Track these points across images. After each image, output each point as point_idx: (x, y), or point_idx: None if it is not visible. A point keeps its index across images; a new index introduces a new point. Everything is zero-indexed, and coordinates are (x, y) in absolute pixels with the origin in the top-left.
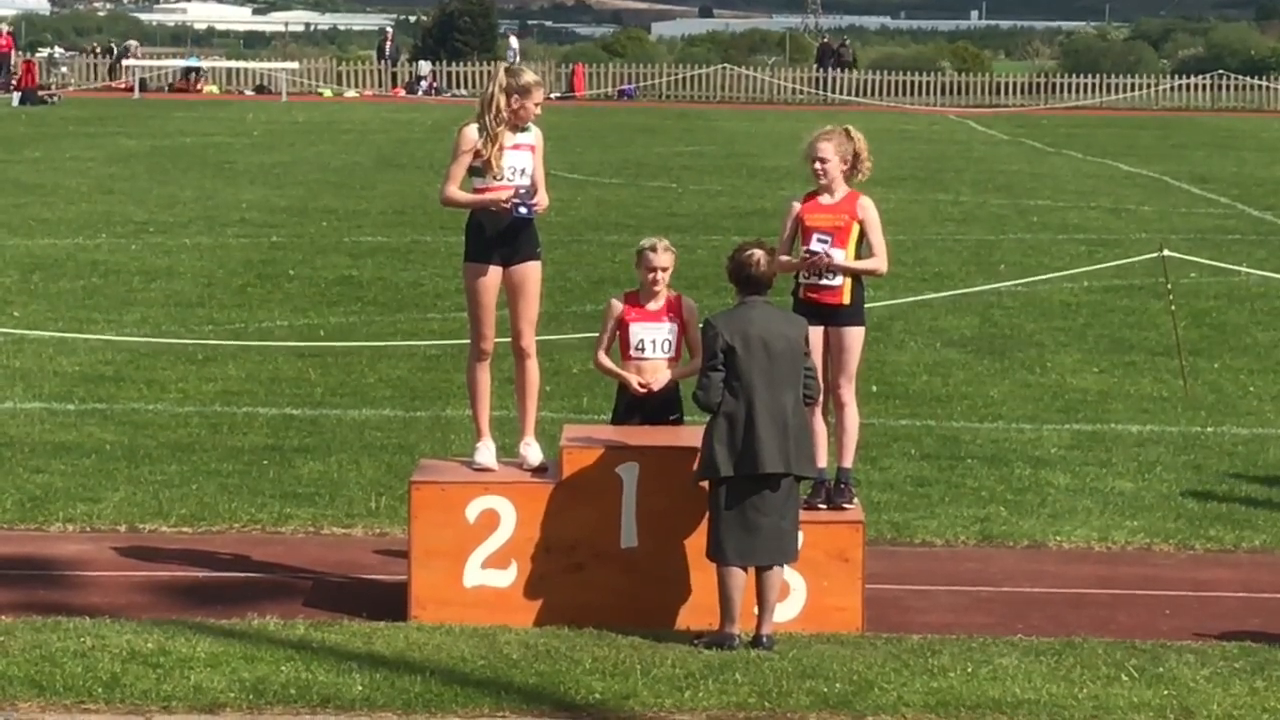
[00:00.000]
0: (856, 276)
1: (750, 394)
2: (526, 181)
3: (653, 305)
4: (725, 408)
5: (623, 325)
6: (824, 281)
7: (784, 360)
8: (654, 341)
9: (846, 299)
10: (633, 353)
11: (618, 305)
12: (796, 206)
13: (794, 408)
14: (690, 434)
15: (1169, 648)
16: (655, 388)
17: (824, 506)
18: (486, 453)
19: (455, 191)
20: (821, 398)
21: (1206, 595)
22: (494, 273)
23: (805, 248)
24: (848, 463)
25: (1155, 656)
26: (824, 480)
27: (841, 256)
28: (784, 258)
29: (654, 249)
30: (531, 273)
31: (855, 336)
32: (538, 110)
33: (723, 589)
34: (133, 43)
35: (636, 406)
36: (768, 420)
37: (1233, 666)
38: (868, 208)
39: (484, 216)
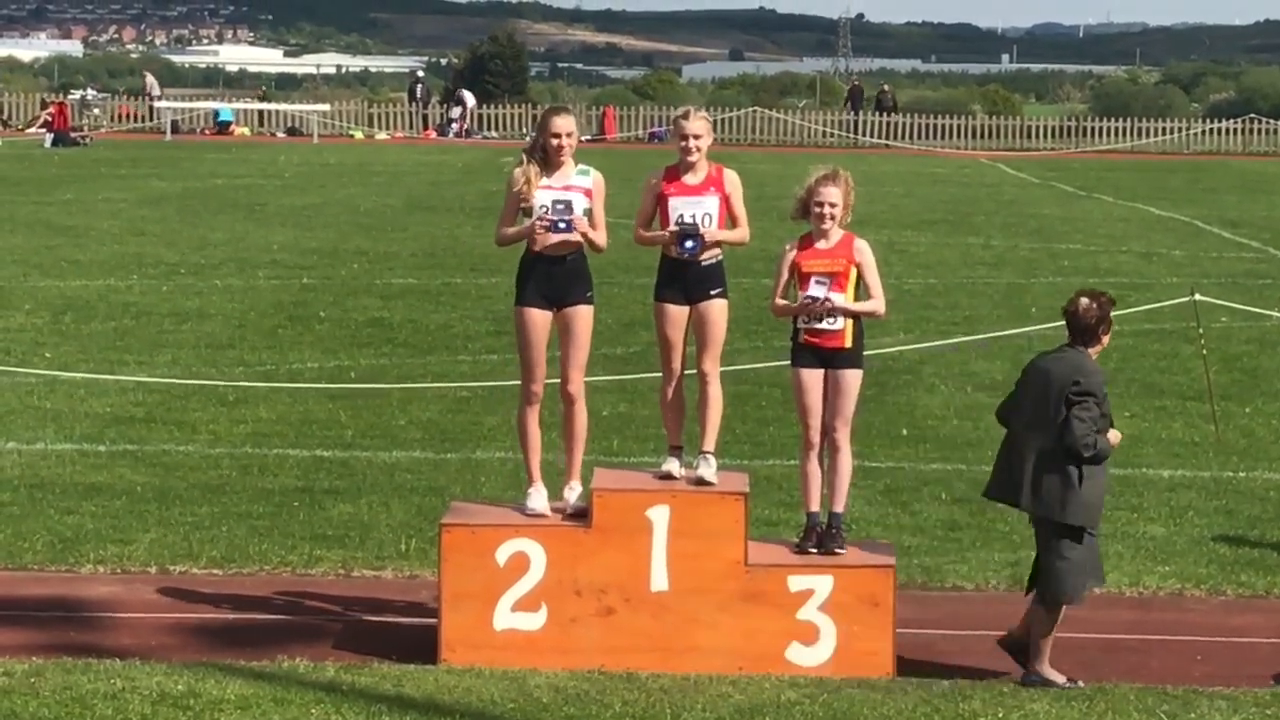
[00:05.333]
0: (857, 319)
1: None
2: (559, 212)
3: (692, 179)
4: None
5: (661, 199)
6: (825, 325)
7: None
8: (694, 216)
9: (848, 342)
10: (674, 228)
11: (656, 179)
12: (792, 253)
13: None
14: (725, 479)
15: (1201, 694)
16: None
17: (815, 550)
18: (539, 498)
19: (504, 229)
20: (819, 441)
21: (1238, 641)
22: (543, 316)
23: (805, 293)
24: (840, 507)
25: (1187, 702)
26: (817, 525)
27: (841, 300)
28: (781, 302)
29: (686, 115)
30: (582, 316)
31: (854, 379)
32: (560, 141)
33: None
34: (149, 78)
35: (677, 277)
36: None
37: (1265, 713)
38: (864, 250)
39: (533, 259)
